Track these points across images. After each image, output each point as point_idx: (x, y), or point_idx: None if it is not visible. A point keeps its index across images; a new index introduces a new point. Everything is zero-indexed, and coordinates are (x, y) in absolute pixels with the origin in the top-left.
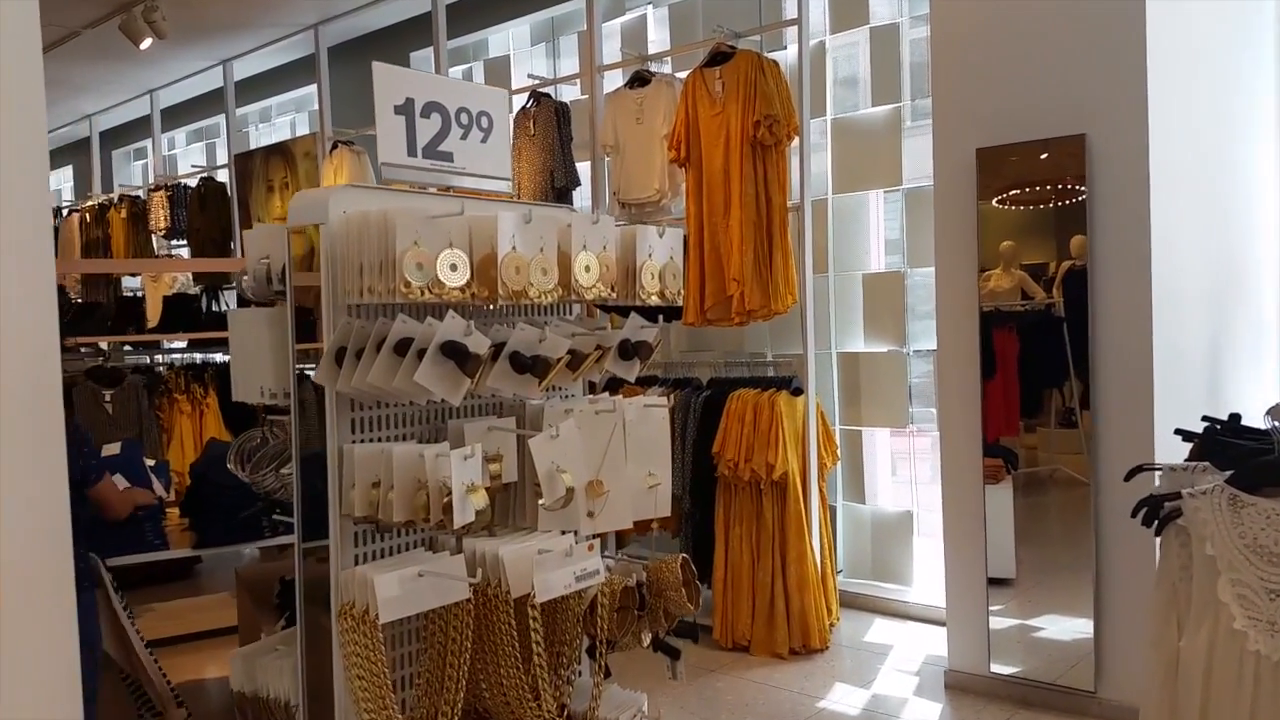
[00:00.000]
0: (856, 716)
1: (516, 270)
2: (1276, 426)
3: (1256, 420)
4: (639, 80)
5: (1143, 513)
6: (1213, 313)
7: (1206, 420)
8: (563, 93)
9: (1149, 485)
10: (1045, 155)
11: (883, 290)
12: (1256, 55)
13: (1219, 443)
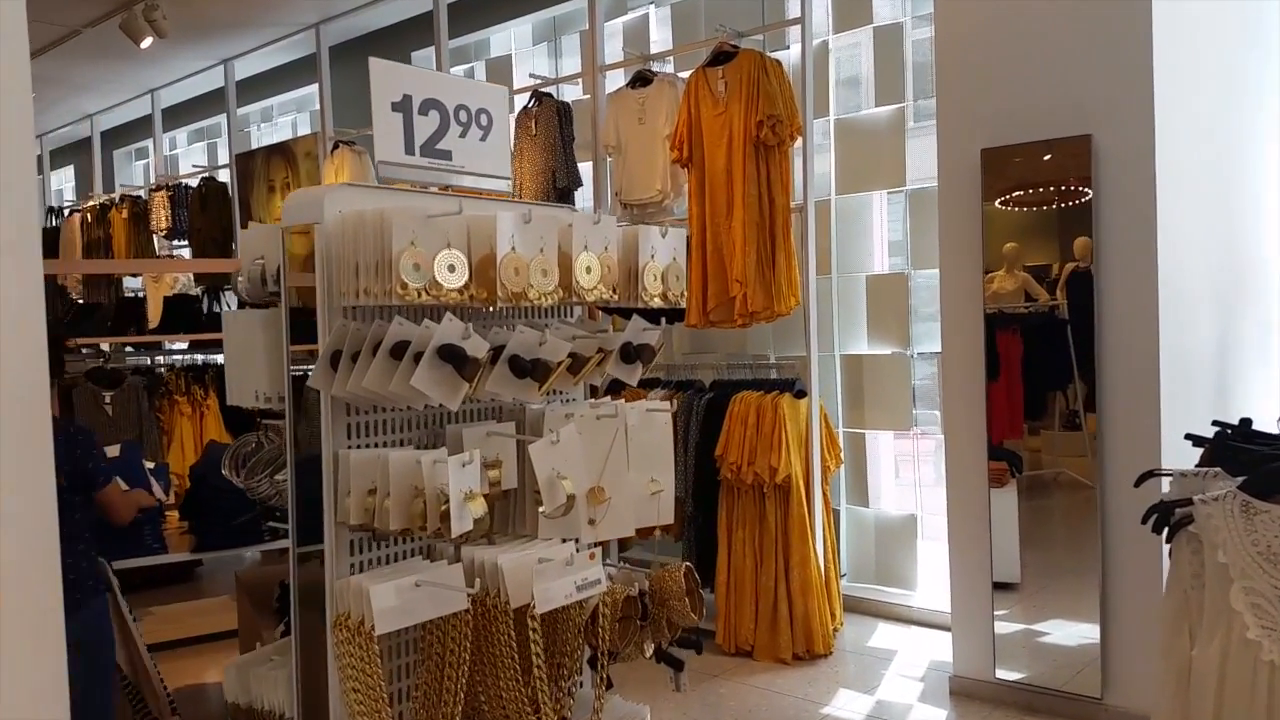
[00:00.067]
0: None
1: (516, 271)
2: None
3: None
4: (641, 80)
5: (1153, 519)
6: (1219, 314)
7: (1217, 425)
8: (564, 92)
9: (1157, 490)
10: (1050, 156)
11: (886, 292)
12: (1263, 54)
13: (1230, 448)
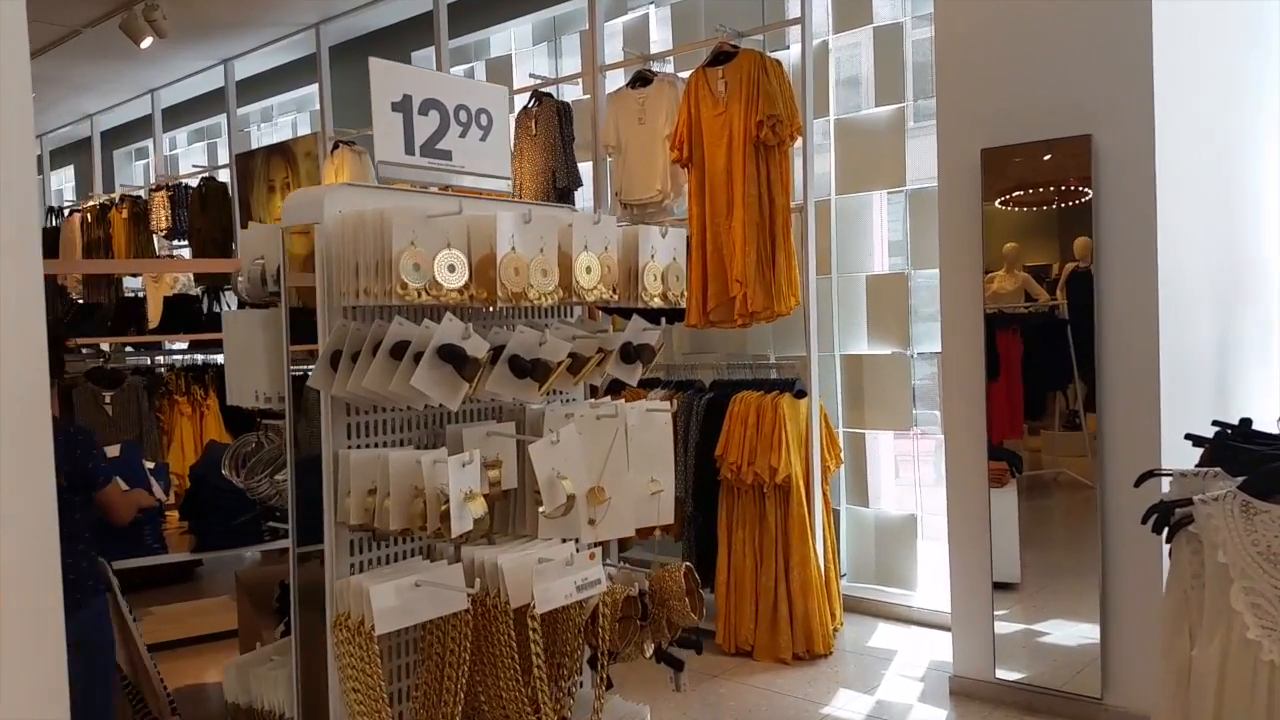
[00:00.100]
0: None
1: (516, 271)
2: None
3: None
4: (641, 80)
5: (1153, 519)
6: (1219, 314)
7: (1217, 425)
8: (564, 92)
9: (1157, 490)
10: (1050, 156)
11: (886, 292)
12: (1263, 54)
13: (1230, 448)
